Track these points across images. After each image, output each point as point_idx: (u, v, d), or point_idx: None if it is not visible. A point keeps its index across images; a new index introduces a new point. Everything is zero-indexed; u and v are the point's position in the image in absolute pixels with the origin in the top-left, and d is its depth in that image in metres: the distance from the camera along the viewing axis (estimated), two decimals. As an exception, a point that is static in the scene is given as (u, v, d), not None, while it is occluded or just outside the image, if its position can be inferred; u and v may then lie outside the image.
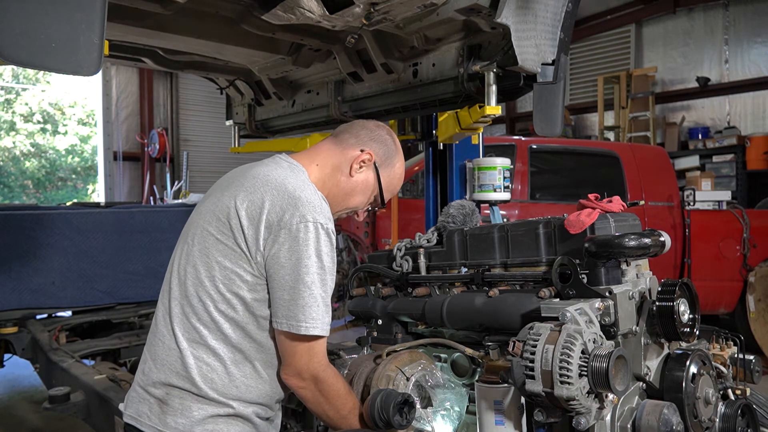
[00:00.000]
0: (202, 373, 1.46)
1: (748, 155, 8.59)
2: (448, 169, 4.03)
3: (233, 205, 1.49)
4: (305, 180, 1.56)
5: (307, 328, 1.43)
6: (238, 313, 1.47)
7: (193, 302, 1.48)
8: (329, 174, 1.66)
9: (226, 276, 1.46)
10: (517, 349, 1.42)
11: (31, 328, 3.51)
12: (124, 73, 10.45)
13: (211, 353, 1.47)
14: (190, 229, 1.60)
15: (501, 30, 2.23)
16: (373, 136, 1.72)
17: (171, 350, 1.49)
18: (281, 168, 1.57)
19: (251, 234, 1.45)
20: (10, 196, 16.08)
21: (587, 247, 1.54)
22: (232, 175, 1.67)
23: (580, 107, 11.11)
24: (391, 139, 1.75)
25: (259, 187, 1.50)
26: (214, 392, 1.46)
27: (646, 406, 1.44)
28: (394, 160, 1.74)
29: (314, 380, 1.49)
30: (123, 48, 2.91)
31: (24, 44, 1.43)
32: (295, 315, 1.43)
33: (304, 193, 1.47)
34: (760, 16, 9.18)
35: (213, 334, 1.47)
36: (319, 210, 1.47)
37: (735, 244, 5.43)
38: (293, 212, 1.43)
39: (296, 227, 1.42)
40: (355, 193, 1.70)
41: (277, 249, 1.43)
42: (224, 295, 1.46)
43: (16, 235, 3.51)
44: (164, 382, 1.48)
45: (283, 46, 2.89)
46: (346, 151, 1.68)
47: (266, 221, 1.44)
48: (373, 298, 2.08)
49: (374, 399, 1.55)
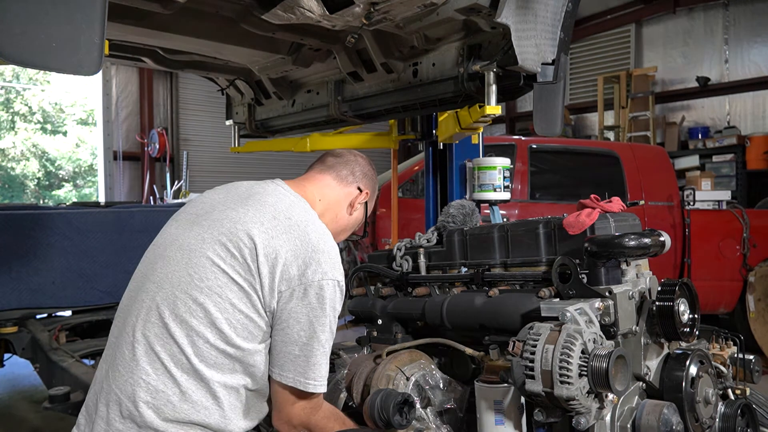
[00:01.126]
0: (199, 417, 1.36)
1: (748, 155, 8.58)
2: (448, 168, 4.03)
3: (250, 242, 1.39)
4: (323, 226, 1.53)
5: (315, 386, 1.42)
6: (230, 361, 1.38)
7: (198, 343, 1.35)
8: (329, 210, 1.67)
9: (238, 321, 1.37)
10: (517, 349, 1.42)
11: (31, 327, 3.51)
12: (124, 73, 10.44)
13: (210, 393, 1.37)
14: (187, 247, 1.45)
15: (501, 30, 2.23)
16: (365, 171, 1.75)
17: (167, 386, 1.35)
18: (296, 206, 1.51)
19: (267, 281, 1.38)
20: (10, 196, 16.08)
21: (587, 247, 1.54)
22: (232, 192, 1.56)
23: (580, 107, 11.11)
24: (372, 171, 1.79)
25: (281, 227, 1.43)
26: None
27: (646, 406, 1.44)
28: (374, 192, 1.79)
29: (306, 427, 1.46)
30: (123, 48, 2.91)
31: (24, 44, 1.43)
32: (305, 372, 1.41)
33: (327, 246, 1.46)
34: (760, 16, 9.17)
35: (217, 373, 1.37)
36: (338, 266, 1.46)
37: (735, 244, 5.43)
38: (316, 268, 1.40)
39: (318, 285, 1.40)
40: (348, 229, 1.75)
41: (295, 304, 1.39)
42: (232, 340, 1.37)
43: (16, 235, 3.50)
44: (157, 428, 1.34)
45: (283, 46, 2.89)
46: (347, 190, 1.70)
47: (285, 270, 1.39)
48: (373, 298, 2.09)
49: (374, 399, 1.55)
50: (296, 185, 1.63)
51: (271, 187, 1.56)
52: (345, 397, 1.81)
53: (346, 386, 1.81)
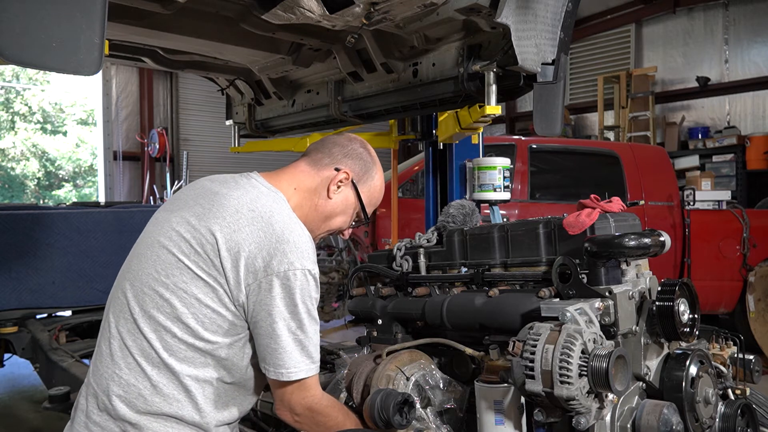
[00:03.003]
0: (172, 409, 1.38)
1: (748, 155, 8.58)
2: (448, 168, 4.03)
3: (212, 238, 1.39)
4: (290, 213, 1.48)
5: (289, 374, 1.41)
6: (204, 355, 1.40)
7: (166, 338, 1.38)
8: (307, 198, 1.59)
9: (205, 315, 1.39)
10: (517, 349, 1.42)
11: (31, 327, 3.51)
12: (124, 73, 10.44)
13: (183, 387, 1.39)
14: (155, 243, 1.47)
15: (501, 30, 2.23)
16: (346, 152, 1.65)
17: (140, 382, 1.38)
18: (264, 196, 1.49)
19: (233, 276, 1.38)
20: (10, 196, 16.08)
21: (587, 247, 1.54)
22: (204, 187, 1.55)
23: (580, 107, 11.11)
24: (366, 152, 1.69)
25: (243, 220, 1.41)
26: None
27: (646, 405, 1.44)
28: (372, 173, 1.68)
29: (309, 412, 1.46)
30: (123, 48, 2.91)
31: (24, 44, 1.43)
32: (278, 362, 1.40)
33: (293, 235, 1.41)
34: (760, 16, 9.18)
35: (189, 367, 1.39)
36: (306, 254, 1.42)
37: (735, 244, 5.43)
38: (281, 258, 1.38)
39: (284, 275, 1.37)
40: (336, 215, 1.64)
41: (264, 296, 1.38)
42: (200, 334, 1.39)
43: (16, 235, 3.51)
44: (131, 420, 1.37)
45: (283, 46, 2.89)
46: (321, 172, 1.62)
47: (250, 263, 1.38)
48: (373, 298, 2.08)
49: (374, 399, 1.55)
50: (271, 176, 1.59)
51: (242, 181, 1.54)
52: (345, 397, 1.81)
53: (346, 386, 1.81)
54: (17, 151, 16.34)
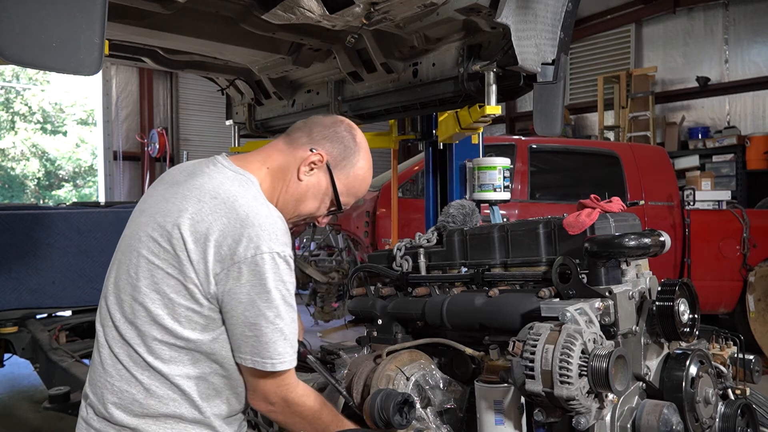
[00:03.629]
0: (169, 409, 1.37)
1: (748, 155, 8.58)
2: (448, 168, 4.03)
3: (177, 232, 1.35)
4: (256, 195, 1.41)
5: (274, 365, 1.36)
6: (188, 353, 1.38)
7: (148, 342, 1.37)
8: (279, 178, 1.51)
9: (181, 314, 1.35)
10: (517, 349, 1.42)
11: (31, 327, 3.51)
12: (124, 73, 10.44)
13: (177, 388, 1.38)
14: (128, 248, 1.44)
15: (501, 30, 2.23)
16: (327, 134, 1.54)
17: (132, 387, 1.38)
18: (228, 180, 1.42)
19: (201, 268, 1.33)
20: (10, 196, 16.08)
21: (587, 247, 1.54)
22: (170, 180, 1.50)
23: (580, 107, 11.11)
24: (350, 136, 1.56)
25: (206, 208, 1.36)
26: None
27: (646, 405, 1.44)
28: (353, 160, 1.56)
29: (284, 402, 1.42)
30: (123, 48, 2.91)
31: (24, 44, 1.43)
32: (259, 352, 1.35)
33: (258, 218, 1.35)
34: (760, 16, 9.17)
35: (174, 368, 1.38)
36: (274, 237, 1.35)
37: (735, 244, 5.43)
38: (248, 243, 1.32)
39: (252, 260, 1.32)
40: (305, 199, 1.54)
41: (233, 284, 1.33)
42: (179, 333, 1.36)
43: (16, 235, 3.51)
44: (129, 425, 1.37)
45: (283, 46, 2.89)
46: (296, 152, 1.52)
47: (216, 252, 1.33)
48: (373, 298, 2.08)
49: (374, 399, 1.55)
50: (242, 158, 1.53)
51: (207, 168, 1.47)
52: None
53: (346, 386, 1.81)
54: (17, 151, 16.34)
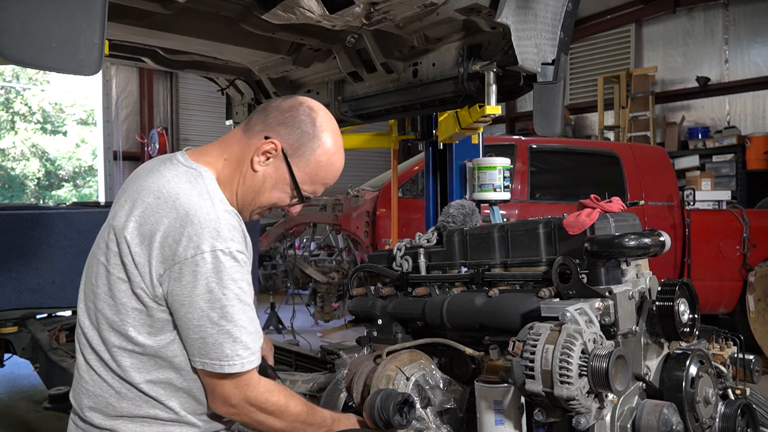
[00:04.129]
0: (142, 411, 1.36)
1: (748, 155, 8.58)
2: (448, 168, 4.03)
3: (123, 237, 1.32)
4: (202, 191, 1.35)
5: (222, 366, 1.30)
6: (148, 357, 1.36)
7: (111, 349, 1.36)
8: (236, 168, 1.44)
9: (134, 318, 1.33)
10: (517, 349, 1.42)
11: (31, 327, 3.51)
12: (124, 73, 10.44)
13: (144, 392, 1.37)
14: (92, 254, 1.44)
15: (501, 30, 2.23)
16: (283, 119, 1.44)
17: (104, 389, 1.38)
18: (176, 177, 1.37)
19: (146, 271, 1.30)
20: (10, 196, 16.07)
21: (587, 247, 1.54)
22: (129, 182, 1.48)
23: (580, 107, 11.11)
24: (309, 120, 1.45)
25: (149, 210, 1.32)
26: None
27: (646, 405, 1.44)
28: (313, 145, 1.44)
29: (246, 403, 1.36)
30: (123, 48, 2.91)
31: (24, 44, 1.43)
32: (207, 354, 1.30)
33: (199, 214, 1.29)
34: (760, 16, 9.17)
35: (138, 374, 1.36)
36: (216, 233, 1.29)
37: (735, 244, 5.43)
38: (187, 243, 1.27)
39: (192, 260, 1.27)
40: (264, 189, 1.46)
41: (174, 286, 1.29)
42: (136, 339, 1.34)
43: (16, 235, 3.50)
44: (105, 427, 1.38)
45: (283, 46, 2.89)
46: (251, 141, 1.44)
47: (159, 253, 1.29)
48: (373, 298, 2.08)
49: (374, 399, 1.55)
50: (201, 150, 1.49)
51: (162, 166, 1.42)
52: (345, 397, 1.81)
53: (346, 386, 1.81)
54: (17, 151, 16.34)
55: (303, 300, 5.90)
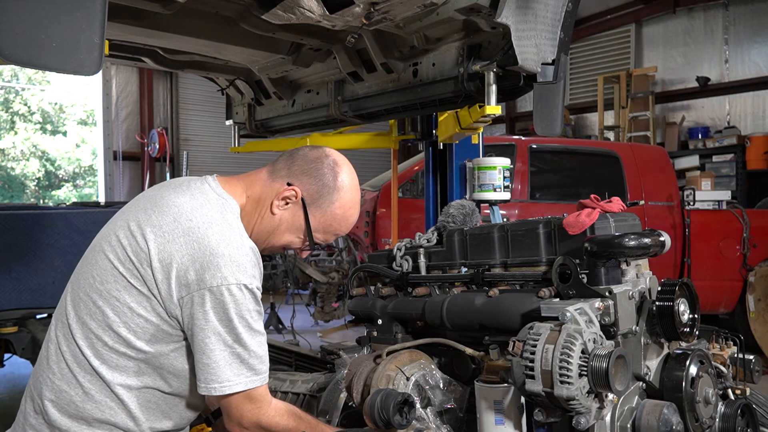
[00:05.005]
0: (104, 416, 1.37)
1: (748, 155, 8.58)
2: (448, 168, 4.03)
3: (146, 246, 1.35)
4: (233, 224, 1.41)
5: (231, 387, 1.35)
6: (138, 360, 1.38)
7: (97, 345, 1.37)
8: (255, 207, 1.51)
9: (138, 324, 1.36)
10: (517, 349, 1.42)
11: (31, 327, 3.51)
12: (124, 73, 10.44)
13: (116, 397, 1.37)
14: (97, 247, 1.45)
15: (501, 30, 2.23)
16: (307, 168, 1.51)
17: (73, 388, 1.37)
18: (209, 203, 1.42)
19: (164, 287, 1.34)
20: (10, 196, 16.07)
21: (587, 247, 1.54)
22: (158, 190, 1.51)
23: (580, 107, 11.11)
24: (332, 174, 1.52)
25: (179, 230, 1.36)
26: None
27: (646, 405, 1.44)
28: (331, 198, 1.52)
29: (257, 427, 1.41)
30: (123, 48, 2.91)
31: (24, 44, 1.43)
32: (216, 377, 1.35)
33: (229, 248, 1.35)
34: (760, 16, 9.17)
35: (117, 376, 1.37)
36: (242, 268, 1.35)
37: (735, 244, 5.43)
38: (215, 272, 1.32)
39: (218, 290, 1.32)
40: (278, 232, 1.53)
41: (195, 310, 1.33)
42: (132, 343, 1.36)
43: (16, 235, 3.50)
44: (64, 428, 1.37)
45: (283, 46, 2.89)
46: (274, 184, 1.51)
47: (183, 276, 1.33)
48: (373, 298, 2.09)
49: (374, 399, 1.55)
50: (230, 181, 1.53)
51: (194, 186, 1.47)
52: (345, 397, 1.81)
53: (346, 386, 1.82)
54: (17, 151, 16.33)
55: (303, 300, 5.91)
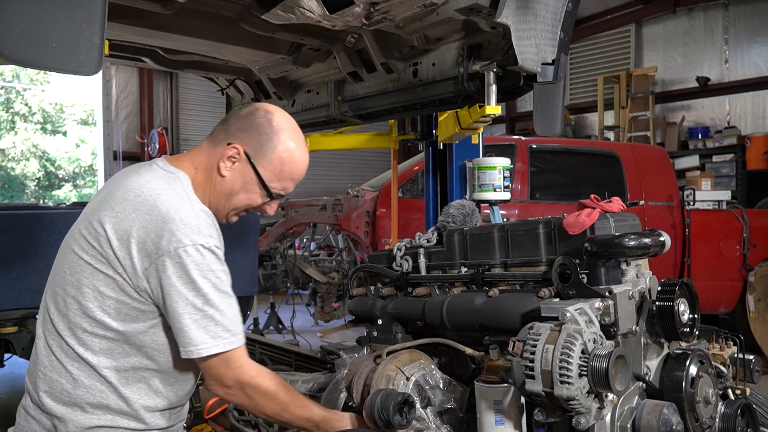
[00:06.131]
0: (96, 399, 1.42)
1: (748, 155, 8.58)
2: (448, 168, 4.03)
3: (102, 230, 1.41)
4: (181, 192, 1.46)
5: (208, 349, 1.39)
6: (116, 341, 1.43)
7: (78, 333, 1.43)
8: (206, 177, 1.54)
9: (110, 306, 1.41)
10: (517, 349, 1.42)
11: (31, 327, 3.51)
12: (124, 73, 10.44)
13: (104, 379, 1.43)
14: (65, 244, 1.53)
15: (501, 30, 2.23)
16: (242, 124, 1.54)
17: (62, 377, 1.43)
18: (156, 179, 1.47)
19: (128, 264, 1.39)
20: (10, 196, 16.07)
21: (587, 247, 1.54)
22: (107, 184, 1.57)
23: (580, 107, 11.11)
24: (266, 122, 1.53)
25: (129, 206, 1.42)
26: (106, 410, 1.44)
27: (646, 405, 1.44)
28: (273, 143, 1.52)
29: (239, 386, 1.45)
30: (123, 48, 2.91)
31: (24, 44, 1.43)
32: (191, 341, 1.38)
33: (179, 213, 1.40)
34: (760, 16, 9.17)
35: (101, 360, 1.42)
36: (196, 230, 1.40)
37: (735, 244, 5.43)
38: (170, 238, 1.37)
39: (175, 253, 1.36)
40: (234, 192, 1.55)
41: (160, 278, 1.38)
42: (109, 325, 1.42)
43: (16, 235, 3.50)
44: (55, 413, 1.43)
45: (283, 46, 2.89)
46: (216, 149, 1.54)
47: (141, 248, 1.38)
48: (373, 298, 2.09)
49: (374, 399, 1.55)
50: (177, 158, 1.58)
51: (143, 168, 1.53)
52: (345, 397, 1.81)
53: (346, 386, 1.82)
54: (17, 151, 16.33)
55: (303, 300, 5.90)
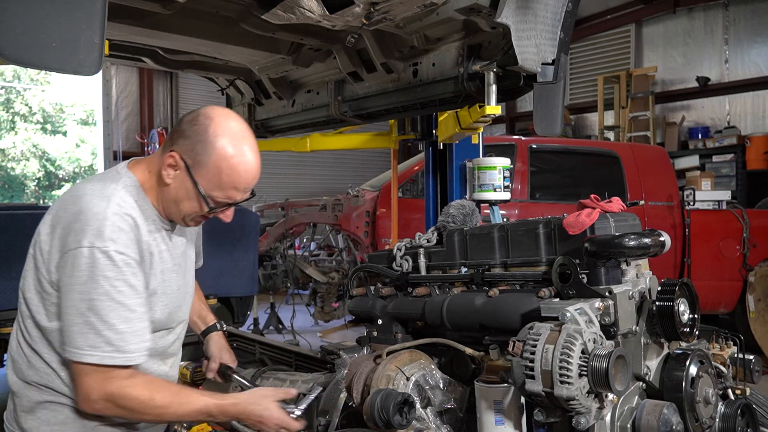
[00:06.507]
0: (44, 381, 1.47)
1: (748, 155, 8.58)
2: (448, 168, 4.04)
3: (44, 224, 1.45)
4: (106, 192, 1.42)
5: (81, 355, 1.35)
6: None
7: (26, 326, 1.50)
8: (157, 181, 1.50)
9: (44, 306, 1.45)
10: (517, 349, 1.42)
11: (31, 327, 3.52)
12: (124, 73, 10.44)
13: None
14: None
15: (501, 30, 2.23)
16: (182, 131, 1.46)
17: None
18: (98, 179, 1.48)
19: (48, 258, 1.42)
20: (10, 196, 16.07)
21: (587, 247, 1.54)
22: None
23: (580, 107, 11.11)
24: (202, 128, 1.44)
25: (59, 206, 1.45)
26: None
27: (646, 405, 1.44)
28: (208, 151, 1.42)
29: (105, 399, 1.38)
30: (123, 48, 2.91)
31: (24, 44, 1.43)
32: (71, 342, 1.36)
33: (88, 213, 1.37)
34: (760, 16, 9.17)
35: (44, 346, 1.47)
36: (98, 232, 1.35)
37: (735, 244, 5.43)
38: (74, 237, 1.36)
39: (73, 253, 1.35)
40: (180, 200, 1.49)
41: (61, 274, 1.38)
42: (39, 322, 1.46)
43: (16, 235, 3.50)
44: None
45: (283, 46, 2.89)
46: (162, 157, 1.48)
47: (58, 242, 1.40)
48: (373, 298, 2.08)
49: (374, 399, 1.55)
50: (136, 161, 1.56)
51: (105, 172, 1.55)
52: (345, 397, 1.81)
53: (346, 386, 1.81)
54: (17, 151, 16.33)
55: (303, 300, 5.90)
